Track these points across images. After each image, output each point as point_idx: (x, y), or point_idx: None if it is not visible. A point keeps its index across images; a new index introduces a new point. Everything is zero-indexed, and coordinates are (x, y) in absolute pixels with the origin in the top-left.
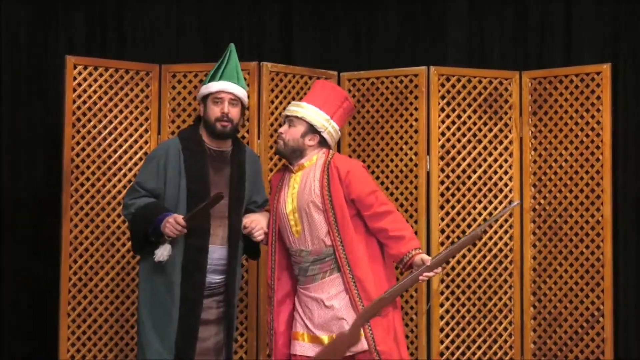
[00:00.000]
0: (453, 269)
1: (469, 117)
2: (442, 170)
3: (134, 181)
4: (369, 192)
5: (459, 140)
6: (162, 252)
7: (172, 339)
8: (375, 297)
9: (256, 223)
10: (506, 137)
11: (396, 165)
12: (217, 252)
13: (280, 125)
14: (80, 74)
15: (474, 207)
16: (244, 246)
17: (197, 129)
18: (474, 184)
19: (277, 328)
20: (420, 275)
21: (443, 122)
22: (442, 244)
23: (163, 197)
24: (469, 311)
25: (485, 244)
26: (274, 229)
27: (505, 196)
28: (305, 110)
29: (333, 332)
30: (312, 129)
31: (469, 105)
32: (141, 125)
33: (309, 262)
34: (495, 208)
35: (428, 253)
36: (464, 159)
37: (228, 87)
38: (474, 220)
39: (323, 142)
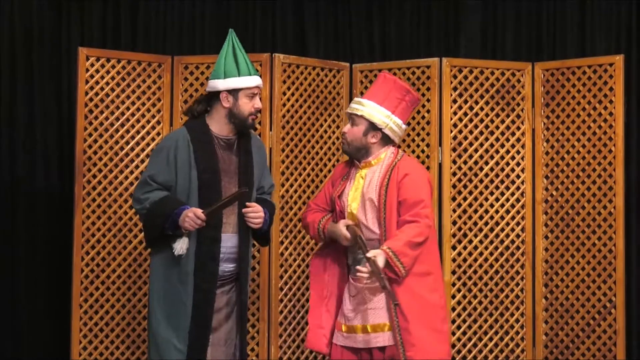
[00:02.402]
0: (465, 260)
1: (481, 109)
2: (454, 162)
3: (145, 174)
4: (414, 200)
5: (471, 132)
6: (182, 246)
7: (185, 329)
8: (405, 310)
9: (258, 209)
10: (518, 128)
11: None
12: (230, 241)
13: (292, 117)
14: (92, 65)
15: (486, 199)
16: (253, 233)
17: (204, 119)
18: (486, 175)
19: (321, 323)
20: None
21: (455, 113)
22: (453, 235)
23: (175, 189)
24: (480, 302)
25: (497, 236)
26: (334, 220)
27: (517, 188)
28: (366, 107)
29: (367, 322)
30: (373, 127)
31: (481, 96)
32: (153, 117)
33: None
34: (507, 200)
35: (440, 245)
36: (476, 151)
37: (260, 83)
38: (486, 211)
39: (386, 139)
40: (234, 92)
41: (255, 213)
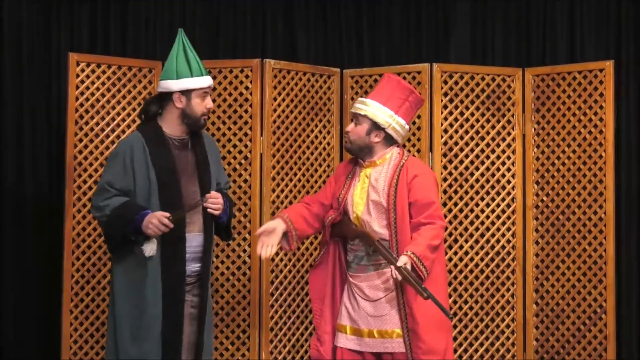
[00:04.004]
0: (455, 265)
1: (472, 114)
2: (445, 168)
3: (102, 181)
4: (426, 202)
5: (461, 137)
6: (152, 247)
7: (157, 332)
8: (415, 311)
9: (217, 195)
10: (509, 134)
11: None
12: (195, 240)
13: (282, 123)
14: (83, 71)
15: (477, 204)
16: (215, 229)
17: (156, 121)
18: (477, 181)
19: (325, 326)
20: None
21: (446, 119)
22: (444, 241)
23: (134, 193)
24: (471, 308)
25: (488, 241)
26: (336, 220)
27: (508, 193)
28: (369, 107)
29: (373, 326)
30: (376, 126)
31: (472, 102)
32: None
33: (366, 253)
34: (498, 205)
35: None
36: (466, 156)
37: (212, 83)
38: (477, 217)
39: (389, 139)
40: (186, 93)
41: (214, 199)
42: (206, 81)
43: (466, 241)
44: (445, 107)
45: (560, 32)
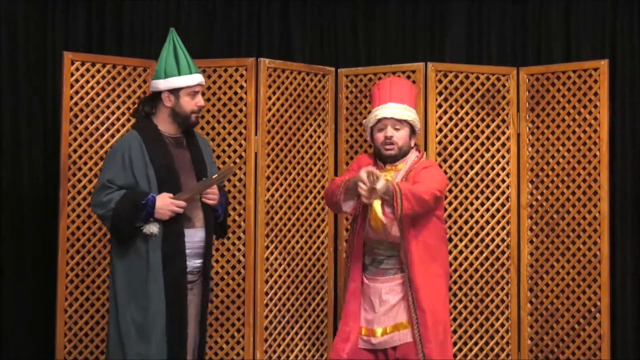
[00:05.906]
0: (450, 264)
1: (467, 114)
2: (440, 167)
3: (101, 179)
4: (429, 187)
5: (456, 137)
6: (154, 227)
7: (162, 328)
8: (425, 306)
9: (215, 189)
10: (503, 133)
11: None
12: (196, 235)
13: (277, 122)
14: (77, 69)
15: (471, 204)
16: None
17: (151, 119)
18: (472, 180)
19: (347, 322)
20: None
21: (440, 118)
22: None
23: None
24: (465, 307)
25: (482, 240)
26: (356, 220)
27: (503, 192)
28: (408, 112)
29: (386, 325)
30: (412, 130)
31: (467, 101)
32: None
33: (385, 256)
34: (493, 204)
35: None
36: (461, 155)
37: (202, 80)
38: (471, 216)
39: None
40: (175, 92)
41: (212, 190)
42: (194, 79)
43: (460, 240)
44: (439, 106)
45: (555, 31)
